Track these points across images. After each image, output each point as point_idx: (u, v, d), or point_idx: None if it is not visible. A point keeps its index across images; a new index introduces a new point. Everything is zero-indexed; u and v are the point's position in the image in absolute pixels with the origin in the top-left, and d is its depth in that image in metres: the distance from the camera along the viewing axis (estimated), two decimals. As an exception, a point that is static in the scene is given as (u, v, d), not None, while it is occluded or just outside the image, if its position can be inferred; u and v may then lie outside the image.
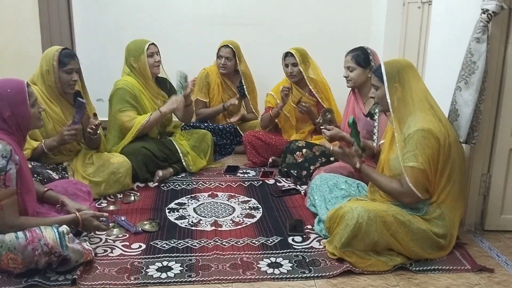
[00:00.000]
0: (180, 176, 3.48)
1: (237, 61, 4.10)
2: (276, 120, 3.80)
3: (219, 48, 4.07)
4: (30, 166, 2.72)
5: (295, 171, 3.37)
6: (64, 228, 2.09)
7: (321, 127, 2.98)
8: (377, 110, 2.86)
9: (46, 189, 2.43)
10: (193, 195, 3.12)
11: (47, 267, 2.07)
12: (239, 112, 4.21)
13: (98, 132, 2.95)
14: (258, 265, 2.23)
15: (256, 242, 2.47)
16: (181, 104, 3.37)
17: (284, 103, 3.64)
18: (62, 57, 2.83)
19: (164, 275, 2.15)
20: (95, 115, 2.93)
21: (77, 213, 2.25)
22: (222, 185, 3.32)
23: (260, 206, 2.95)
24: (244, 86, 4.16)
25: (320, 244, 2.44)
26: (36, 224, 2.09)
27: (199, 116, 4.09)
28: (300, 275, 2.16)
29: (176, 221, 2.72)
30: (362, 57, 2.95)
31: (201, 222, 2.71)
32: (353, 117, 2.53)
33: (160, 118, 3.36)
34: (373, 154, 2.58)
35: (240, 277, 2.14)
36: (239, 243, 2.45)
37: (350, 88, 3.15)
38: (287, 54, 3.69)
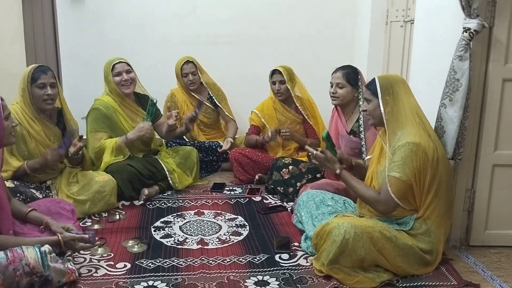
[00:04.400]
0: (166, 194, 3.45)
1: (200, 73, 4.09)
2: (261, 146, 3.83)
3: (180, 67, 4.03)
4: (13, 185, 2.69)
5: (282, 188, 3.37)
6: (46, 247, 2.05)
7: (309, 153, 2.99)
8: (361, 128, 2.89)
9: (29, 209, 2.39)
10: (179, 213, 3.10)
11: (29, 287, 2.02)
12: (226, 139, 4.14)
13: (80, 152, 2.94)
14: (245, 284, 2.21)
15: (243, 260, 2.45)
16: (149, 131, 3.37)
17: (271, 140, 3.67)
18: (34, 73, 2.82)
19: (149, 295, 2.12)
20: (81, 137, 2.93)
21: (59, 236, 2.22)
22: (208, 202, 3.30)
23: (246, 224, 2.94)
24: (213, 97, 4.15)
25: (307, 261, 2.43)
26: (17, 243, 2.05)
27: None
28: (287, 293, 2.14)
29: (162, 240, 2.69)
30: (352, 76, 2.98)
31: (187, 240, 2.69)
32: (327, 131, 2.54)
33: (127, 143, 3.35)
34: (351, 165, 2.59)
35: (227, 296, 2.12)
36: (225, 262, 2.43)
37: (333, 106, 3.17)
38: (274, 72, 3.72)
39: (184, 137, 4.12)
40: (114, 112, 3.39)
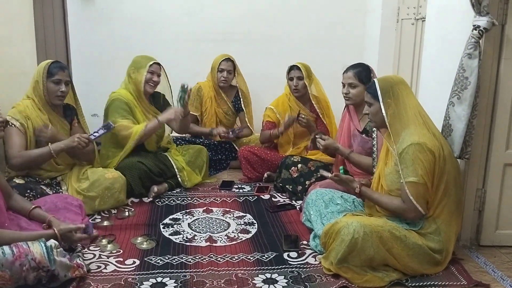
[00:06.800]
0: (175, 192, 3.46)
1: (235, 75, 4.11)
2: (275, 140, 3.82)
3: (219, 62, 4.04)
4: (23, 181, 2.72)
5: (291, 186, 3.36)
6: (52, 242, 2.06)
7: (316, 136, 2.97)
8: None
9: (33, 206, 2.40)
10: (187, 211, 3.10)
11: (37, 283, 2.02)
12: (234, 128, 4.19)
13: (90, 144, 2.97)
14: (253, 281, 2.21)
15: (251, 258, 2.45)
16: (180, 116, 3.37)
17: (286, 129, 3.65)
18: (51, 68, 2.87)
19: (158, 292, 2.13)
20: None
21: (55, 229, 2.23)
22: (217, 200, 3.31)
23: (255, 222, 2.93)
24: (241, 100, 4.17)
25: (315, 260, 2.42)
26: (13, 238, 2.06)
27: (190, 131, 4.05)
28: (295, 291, 2.14)
29: (170, 237, 2.69)
30: (364, 74, 2.92)
31: (195, 237, 2.69)
32: (343, 167, 2.57)
33: (157, 126, 3.37)
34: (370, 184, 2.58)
35: (235, 294, 2.12)
36: (234, 259, 2.43)
37: (345, 105, 3.15)
38: (293, 68, 3.69)
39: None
40: (132, 104, 3.41)
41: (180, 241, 2.64)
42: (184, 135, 4.01)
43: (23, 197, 2.52)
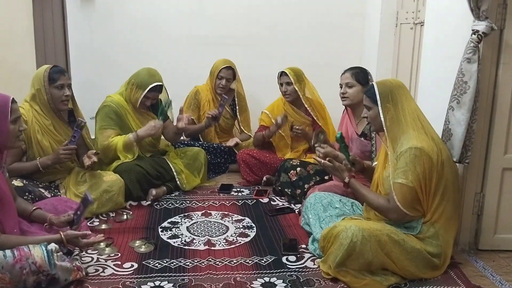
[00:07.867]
0: (173, 195, 3.46)
1: (234, 80, 4.12)
2: (269, 139, 3.81)
3: (220, 69, 4.03)
4: (21, 184, 2.71)
5: (289, 190, 3.36)
6: (53, 246, 2.06)
7: (315, 145, 2.99)
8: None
9: (34, 208, 2.40)
10: (186, 214, 3.10)
11: (36, 286, 2.02)
12: (233, 138, 4.19)
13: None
14: (251, 285, 2.21)
15: (250, 262, 2.45)
16: (160, 130, 3.36)
17: (278, 129, 3.66)
18: (52, 74, 2.85)
19: (156, 295, 2.12)
20: (96, 153, 2.99)
21: (61, 234, 2.22)
22: (215, 203, 3.30)
23: (254, 225, 2.93)
24: (237, 107, 4.17)
25: (314, 264, 2.42)
26: (18, 243, 2.05)
27: (186, 131, 4.03)
28: (294, 295, 2.14)
29: (169, 240, 2.69)
30: (361, 75, 2.98)
31: (194, 241, 2.69)
32: (340, 132, 2.55)
33: (136, 140, 3.33)
34: (363, 168, 2.58)
35: (233, 297, 2.12)
36: (232, 263, 2.43)
37: (344, 108, 3.16)
38: (282, 74, 3.72)
39: (200, 137, 4.14)
40: (125, 111, 3.39)
41: (178, 244, 2.64)
42: (181, 138, 4.00)
43: (23, 199, 2.52)
